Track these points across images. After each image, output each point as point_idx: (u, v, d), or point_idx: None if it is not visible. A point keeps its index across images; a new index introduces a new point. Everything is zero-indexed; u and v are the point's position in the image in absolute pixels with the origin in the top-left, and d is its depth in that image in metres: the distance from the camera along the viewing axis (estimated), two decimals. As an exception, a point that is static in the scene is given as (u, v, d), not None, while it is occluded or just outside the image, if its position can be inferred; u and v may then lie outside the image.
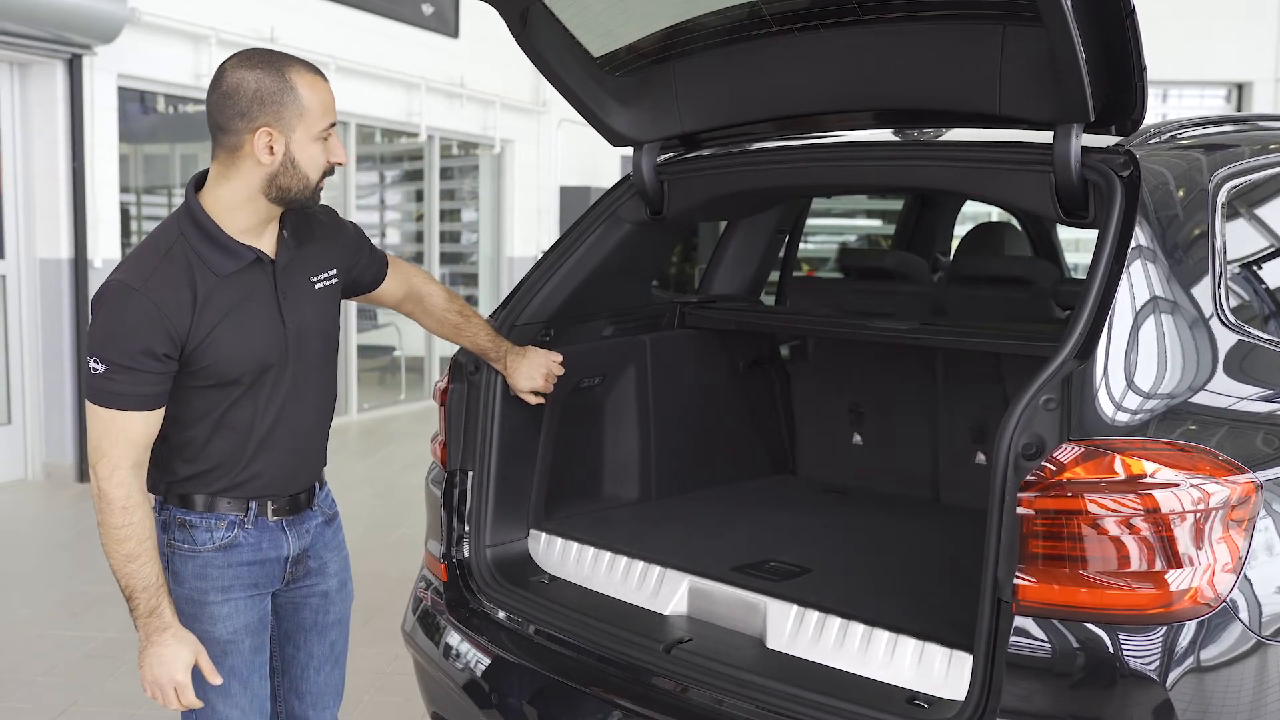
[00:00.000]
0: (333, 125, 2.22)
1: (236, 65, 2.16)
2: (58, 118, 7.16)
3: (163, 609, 2.17)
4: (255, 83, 2.14)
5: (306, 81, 2.19)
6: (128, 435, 2.16)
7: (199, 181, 2.25)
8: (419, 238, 11.25)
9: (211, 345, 2.17)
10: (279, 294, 2.26)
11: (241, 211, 2.20)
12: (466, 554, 2.91)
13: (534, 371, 2.84)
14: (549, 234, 12.04)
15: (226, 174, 2.20)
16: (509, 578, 2.89)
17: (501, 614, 2.79)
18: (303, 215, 2.36)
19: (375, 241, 10.52)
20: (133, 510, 2.16)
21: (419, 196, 11.11)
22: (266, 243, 2.26)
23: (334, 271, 2.41)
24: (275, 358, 2.26)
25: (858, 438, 3.73)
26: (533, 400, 2.88)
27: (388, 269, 2.63)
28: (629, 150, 3.03)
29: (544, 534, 3.02)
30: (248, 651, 2.34)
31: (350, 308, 9.93)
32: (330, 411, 2.47)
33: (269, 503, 2.34)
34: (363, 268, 2.55)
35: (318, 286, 2.36)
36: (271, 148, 2.15)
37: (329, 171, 2.24)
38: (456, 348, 2.90)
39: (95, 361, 2.14)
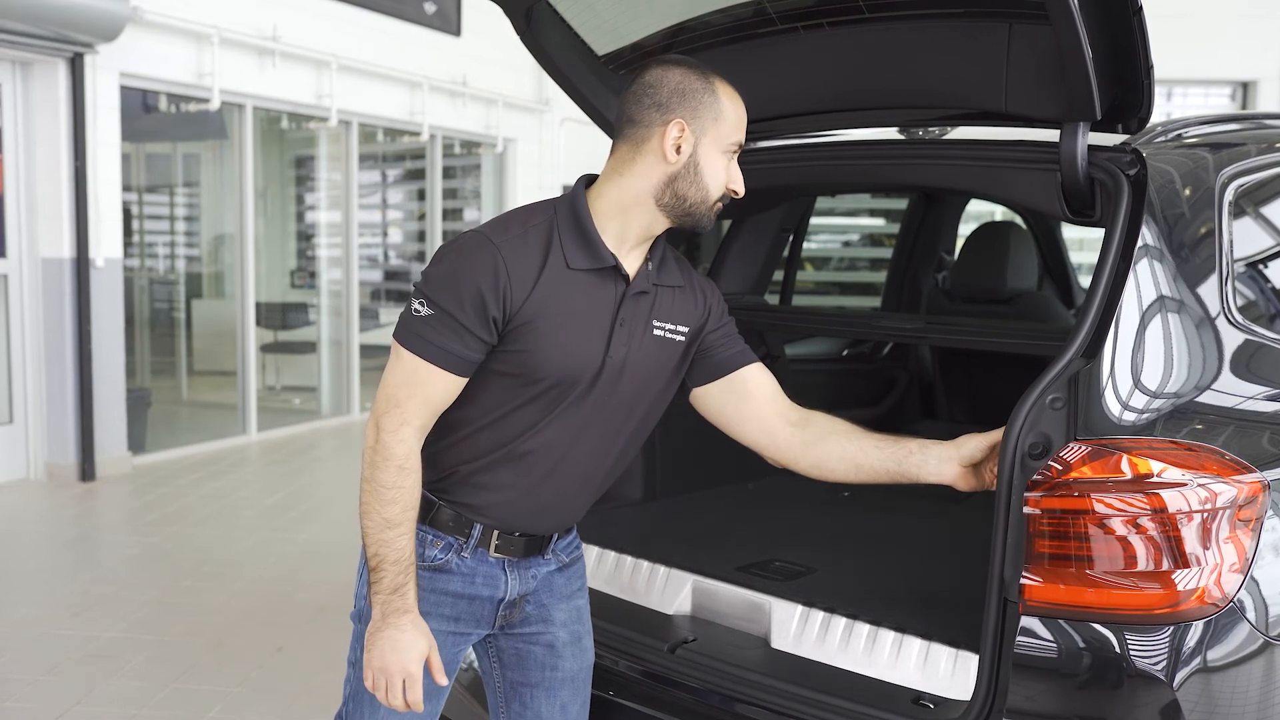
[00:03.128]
0: (740, 147, 2.09)
1: (662, 63, 2.09)
2: (60, 117, 7.17)
3: (408, 589, 1.99)
4: (680, 79, 2.05)
5: (729, 92, 2.08)
6: (430, 392, 1.99)
7: (589, 181, 2.14)
8: (421, 237, 11.26)
9: (531, 332, 2.00)
10: (618, 316, 2.08)
11: (622, 217, 2.08)
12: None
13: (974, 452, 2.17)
14: (551, 233, 12.01)
15: (621, 170, 2.07)
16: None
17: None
18: (678, 261, 2.23)
19: (376, 240, 10.47)
20: (409, 473, 1.99)
21: (421, 195, 11.12)
22: (630, 263, 2.11)
23: (685, 330, 2.19)
24: (585, 376, 2.06)
25: None
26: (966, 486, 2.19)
27: (759, 368, 2.31)
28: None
29: (547, 533, 3.01)
30: (424, 694, 2.05)
31: (353, 308, 9.93)
32: (611, 474, 2.22)
33: (494, 534, 2.12)
34: (715, 339, 2.26)
35: (656, 333, 2.15)
36: (680, 146, 2.04)
37: (725, 198, 2.09)
38: None
39: (421, 304, 1.98)
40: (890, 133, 2.90)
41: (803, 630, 2.47)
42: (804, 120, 2.92)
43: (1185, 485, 1.92)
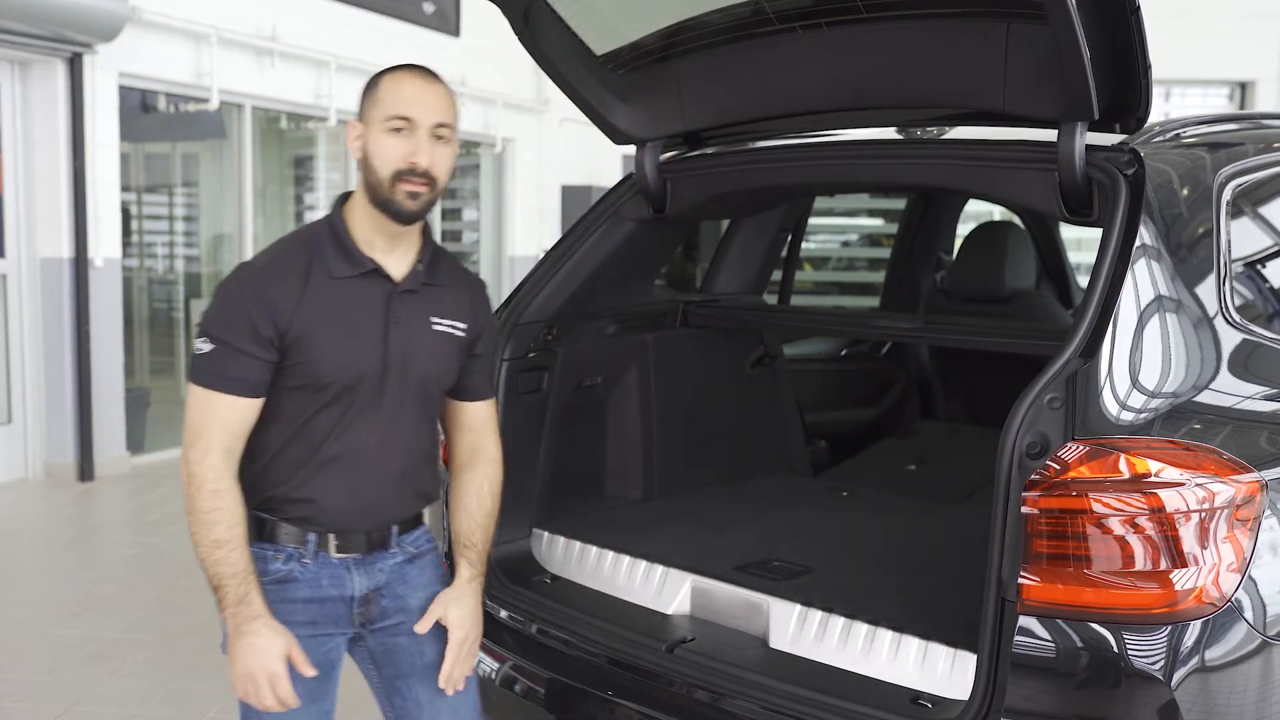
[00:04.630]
0: (407, 120, 2.14)
1: None
2: (59, 116, 7.16)
3: (253, 597, 2.10)
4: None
5: (390, 76, 2.20)
6: (225, 419, 2.12)
7: (346, 197, 2.27)
8: (420, 237, 11.25)
9: (307, 343, 2.13)
10: (390, 315, 2.20)
11: (364, 222, 2.20)
12: (469, 553, 2.90)
13: (453, 617, 2.30)
14: (550, 233, 12.03)
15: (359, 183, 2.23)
16: (511, 577, 2.88)
17: (504, 613, 2.78)
18: (449, 261, 2.34)
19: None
20: (223, 494, 2.10)
21: (420, 195, 11.10)
22: (395, 262, 2.22)
23: (464, 325, 2.30)
24: (370, 375, 2.17)
25: None
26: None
27: (485, 405, 2.42)
28: (631, 149, 3.03)
29: (546, 533, 3.02)
30: (304, 695, 2.16)
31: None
32: (419, 464, 2.30)
33: (331, 538, 2.22)
34: (475, 362, 2.37)
35: (436, 328, 2.26)
36: (356, 142, 2.19)
37: (408, 172, 2.13)
38: None
39: (203, 341, 2.13)
40: (888, 132, 2.91)
41: (801, 630, 2.47)
42: (802, 120, 2.92)
43: (1183, 485, 1.92)
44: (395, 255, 2.22)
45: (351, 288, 2.17)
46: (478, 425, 2.41)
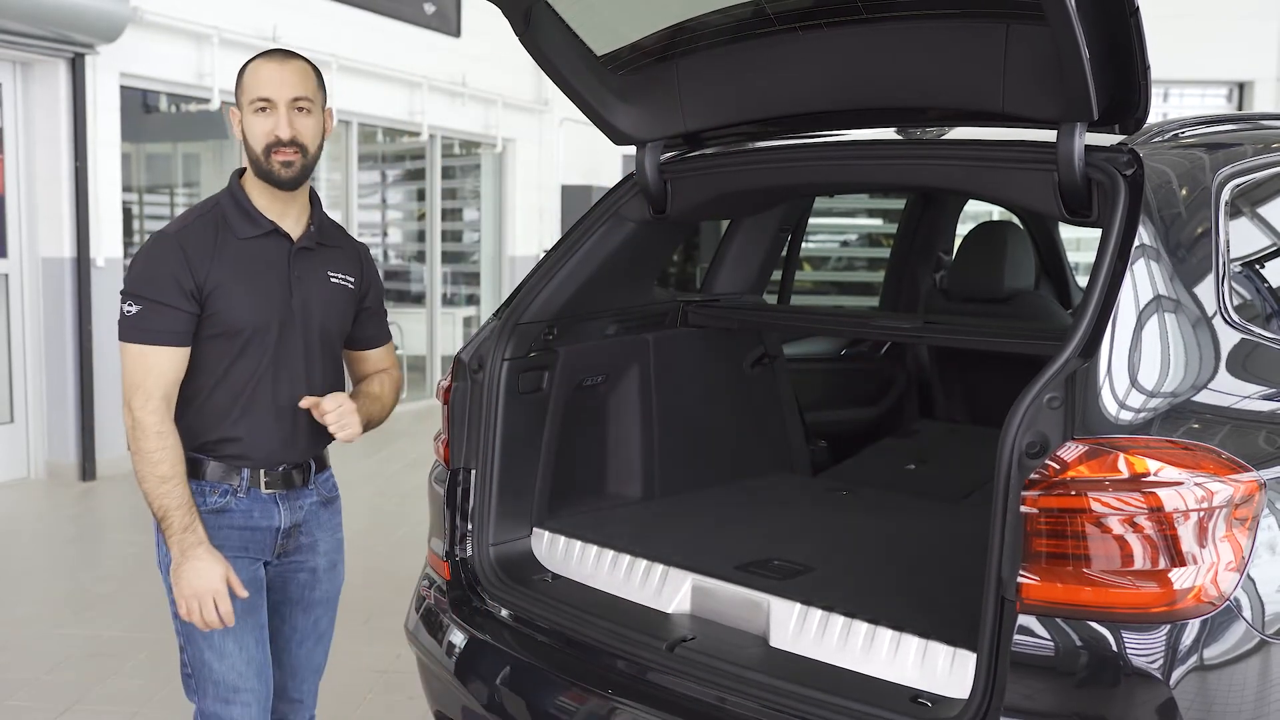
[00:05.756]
0: (267, 101, 2.44)
1: None
2: (60, 117, 7.17)
3: (196, 525, 2.41)
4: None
5: (253, 64, 2.49)
6: (160, 369, 2.41)
7: (243, 171, 2.57)
8: (421, 237, 11.26)
9: (221, 293, 2.43)
10: (291, 269, 2.52)
11: (257, 192, 2.52)
12: (470, 552, 2.91)
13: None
14: (551, 233, 12.04)
15: None
16: (512, 576, 2.89)
17: (505, 612, 2.79)
18: (335, 226, 2.71)
19: (375, 240, 10.43)
20: (166, 435, 2.41)
21: (421, 195, 11.12)
22: (290, 224, 2.55)
23: (353, 279, 2.66)
24: (277, 320, 2.49)
25: None
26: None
27: (384, 349, 2.80)
28: (631, 149, 3.03)
29: (547, 532, 3.02)
30: (239, 612, 2.48)
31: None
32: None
33: (262, 474, 2.53)
34: (367, 315, 2.73)
35: (333, 280, 2.61)
36: (234, 125, 2.50)
37: (276, 145, 2.43)
38: (459, 347, 2.92)
39: (129, 303, 2.42)
40: (888, 133, 2.91)
41: (801, 629, 2.48)
42: (802, 120, 2.93)
43: (1182, 484, 1.93)
44: (289, 218, 2.55)
45: (256, 246, 2.50)
46: (381, 364, 2.79)
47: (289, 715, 2.78)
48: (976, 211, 7.96)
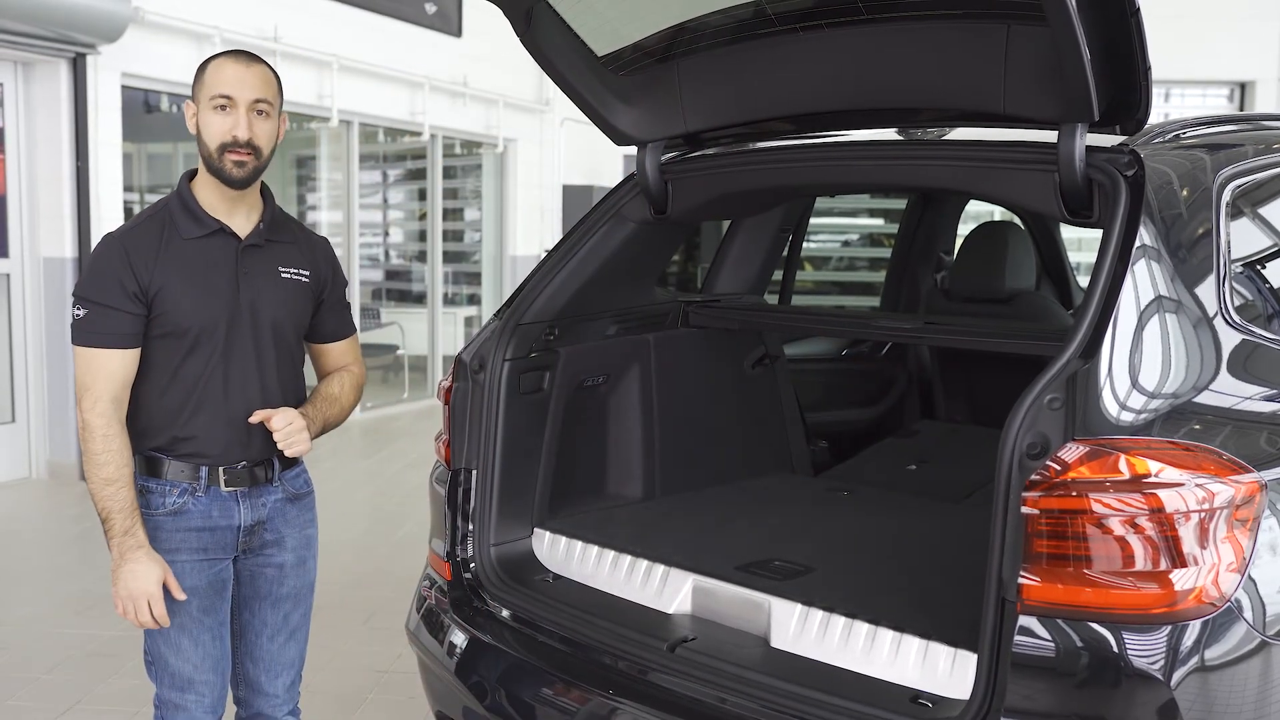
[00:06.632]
0: (228, 99, 2.45)
1: None
2: (61, 117, 7.17)
3: (136, 529, 2.43)
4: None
5: (214, 61, 2.50)
6: (107, 371, 2.44)
7: (193, 174, 2.59)
8: (422, 237, 11.26)
9: (167, 293, 2.46)
10: (239, 267, 2.53)
11: (207, 190, 2.53)
12: (470, 552, 2.91)
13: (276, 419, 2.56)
14: (552, 233, 12.04)
15: None
16: (513, 576, 2.89)
17: (505, 613, 2.79)
18: (286, 219, 2.68)
19: (377, 240, 10.37)
20: (112, 438, 2.42)
21: (422, 195, 11.12)
22: (237, 223, 2.56)
23: (308, 273, 2.65)
24: (224, 318, 2.50)
25: None
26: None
27: (347, 343, 2.79)
28: (632, 149, 3.04)
29: (548, 532, 3.02)
30: (195, 611, 2.53)
31: (354, 306, 9.92)
32: (289, 398, 2.61)
33: (221, 471, 2.53)
34: (327, 308, 2.72)
35: (284, 276, 2.60)
36: (192, 118, 2.51)
37: (232, 145, 2.44)
38: (460, 347, 2.92)
39: (78, 307, 2.45)
40: (889, 133, 2.91)
41: (802, 629, 2.48)
42: (803, 121, 2.93)
43: (1183, 485, 1.93)
44: (238, 216, 2.56)
45: (202, 246, 2.51)
46: (343, 359, 2.79)
47: (265, 710, 2.78)
48: (978, 212, 7.96)
